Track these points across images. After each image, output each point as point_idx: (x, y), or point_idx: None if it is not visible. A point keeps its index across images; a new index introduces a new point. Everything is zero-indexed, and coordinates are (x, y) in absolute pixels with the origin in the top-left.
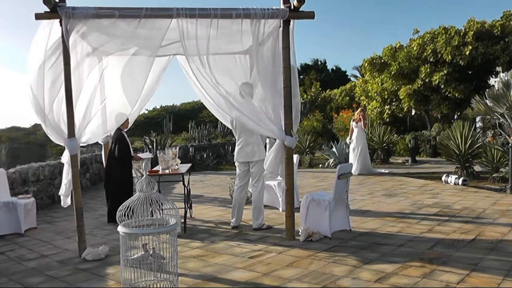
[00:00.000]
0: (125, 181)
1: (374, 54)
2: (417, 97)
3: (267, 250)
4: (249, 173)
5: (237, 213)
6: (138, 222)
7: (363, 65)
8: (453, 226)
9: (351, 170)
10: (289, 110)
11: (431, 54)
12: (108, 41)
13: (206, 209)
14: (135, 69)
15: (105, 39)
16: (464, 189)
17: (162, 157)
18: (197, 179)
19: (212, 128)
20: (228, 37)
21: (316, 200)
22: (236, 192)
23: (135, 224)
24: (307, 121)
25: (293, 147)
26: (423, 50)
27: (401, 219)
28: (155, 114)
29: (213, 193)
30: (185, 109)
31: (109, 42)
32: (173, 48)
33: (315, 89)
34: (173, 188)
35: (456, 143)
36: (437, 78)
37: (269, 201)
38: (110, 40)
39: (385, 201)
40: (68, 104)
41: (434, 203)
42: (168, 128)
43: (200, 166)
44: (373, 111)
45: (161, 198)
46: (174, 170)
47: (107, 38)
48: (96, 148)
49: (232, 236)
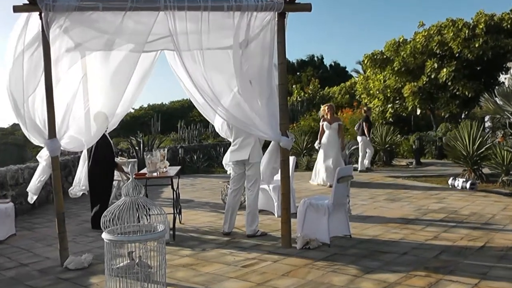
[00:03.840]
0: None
1: (375, 50)
2: (422, 95)
3: (262, 258)
4: (244, 175)
5: (230, 218)
6: (124, 228)
7: (363, 61)
8: (461, 232)
9: (351, 173)
10: (285, 109)
11: (438, 45)
12: (92, 36)
13: (196, 215)
14: (120, 66)
15: (88, 33)
16: (472, 193)
17: (150, 159)
18: (187, 183)
19: (203, 128)
20: (220, 31)
21: (314, 205)
22: (230, 196)
23: (120, 230)
24: (304, 120)
25: (289, 149)
26: (429, 42)
27: (404, 225)
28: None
29: (204, 198)
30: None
31: (92, 37)
32: (161, 43)
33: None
34: (161, 192)
35: (464, 144)
36: (444, 75)
37: (263, 205)
38: (93, 35)
39: (388, 206)
40: (48, 103)
41: (440, 208)
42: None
43: (190, 169)
44: (375, 110)
45: (149, 203)
46: (162, 173)
47: (91, 32)
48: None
49: (224, 243)
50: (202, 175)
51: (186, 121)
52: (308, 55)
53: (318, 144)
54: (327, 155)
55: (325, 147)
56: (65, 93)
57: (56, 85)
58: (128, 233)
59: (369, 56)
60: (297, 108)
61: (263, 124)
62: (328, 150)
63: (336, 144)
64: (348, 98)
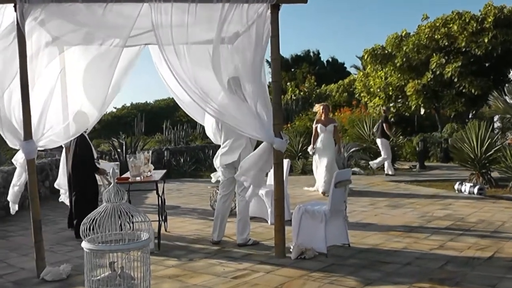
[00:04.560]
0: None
1: (376, 45)
2: (427, 93)
3: (254, 269)
4: (235, 180)
5: (220, 226)
6: (105, 237)
7: (363, 57)
8: (468, 241)
9: (349, 177)
10: (278, 109)
11: (444, 38)
12: (70, 29)
13: (183, 222)
14: (101, 62)
15: (67, 27)
16: (480, 199)
17: (133, 163)
18: (173, 188)
19: (190, 129)
20: (207, 24)
21: (310, 211)
22: (220, 203)
23: (101, 239)
24: (299, 120)
25: (283, 151)
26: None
27: (407, 233)
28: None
29: (191, 204)
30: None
31: (71, 31)
32: (144, 37)
33: (309, 84)
34: (145, 198)
35: (471, 146)
36: (449, 71)
37: (255, 212)
38: (72, 28)
39: (389, 212)
40: (24, 101)
41: (446, 215)
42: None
43: (176, 173)
44: (375, 109)
45: (132, 210)
46: (146, 178)
47: (69, 26)
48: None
49: (213, 253)
50: (190, 180)
51: (172, 121)
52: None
53: (312, 149)
54: (322, 160)
55: (319, 151)
56: (42, 91)
57: (33, 83)
58: (110, 242)
59: (370, 51)
60: (291, 107)
61: (255, 124)
62: (323, 155)
63: (332, 148)
64: (347, 96)
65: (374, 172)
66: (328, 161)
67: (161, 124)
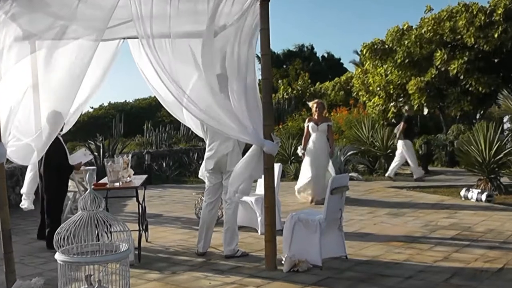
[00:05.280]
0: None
1: (376, 39)
2: (430, 92)
3: (242, 283)
4: (221, 186)
5: (205, 236)
6: (81, 248)
7: (362, 52)
8: (475, 252)
9: (347, 183)
10: (269, 108)
11: (449, 33)
12: (43, 23)
13: (166, 232)
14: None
15: (40, 21)
16: (488, 206)
17: (111, 167)
18: (154, 195)
19: (173, 130)
20: (192, 16)
21: (303, 220)
22: (205, 210)
23: (76, 250)
24: (292, 121)
25: (274, 154)
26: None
27: (409, 244)
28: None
29: (174, 212)
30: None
31: (44, 24)
32: (122, 30)
33: (303, 82)
34: (124, 205)
35: (479, 149)
36: (455, 67)
37: (244, 221)
38: (45, 21)
39: (390, 221)
40: None
41: (451, 224)
42: (118, 131)
43: (158, 178)
44: (374, 109)
45: (110, 218)
46: (125, 183)
47: (42, 20)
48: None
49: (198, 265)
50: (173, 186)
51: (153, 122)
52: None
53: (302, 151)
54: (313, 164)
55: (311, 153)
56: (12, 90)
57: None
58: (86, 253)
59: (369, 45)
60: (283, 107)
61: (243, 126)
62: (315, 157)
63: (325, 150)
64: (343, 95)
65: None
66: (321, 165)
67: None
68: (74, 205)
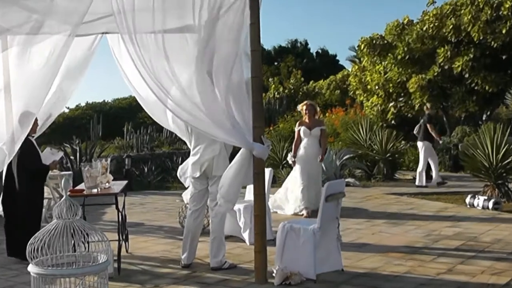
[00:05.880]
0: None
1: (374, 34)
2: (433, 91)
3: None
4: (207, 193)
5: (190, 247)
6: (56, 259)
7: (359, 47)
8: (481, 264)
9: (343, 189)
10: (259, 109)
11: (453, 31)
12: (17, 16)
13: (147, 242)
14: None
15: (13, 14)
16: (496, 214)
17: (88, 172)
18: (135, 202)
19: (155, 132)
20: (178, 10)
21: (296, 229)
22: (190, 219)
23: (51, 262)
24: (283, 123)
25: (265, 158)
26: (442, 26)
27: (410, 255)
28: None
29: (157, 221)
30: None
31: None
32: (101, 24)
33: (295, 80)
34: (103, 213)
35: (485, 153)
36: (460, 65)
37: (232, 230)
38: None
39: (389, 231)
40: None
41: (455, 233)
42: (97, 133)
43: (139, 184)
44: (373, 109)
45: (87, 227)
46: (104, 190)
47: (16, 13)
48: None
49: (183, 278)
50: (155, 192)
51: (134, 123)
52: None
53: (292, 158)
54: (304, 172)
55: (302, 161)
56: None
57: None
58: (62, 265)
59: (367, 40)
60: (274, 107)
61: (230, 128)
62: (307, 165)
63: (318, 157)
64: (339, 94)
65: (443, 182)
66: (313, 173)
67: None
68: (48, 213)
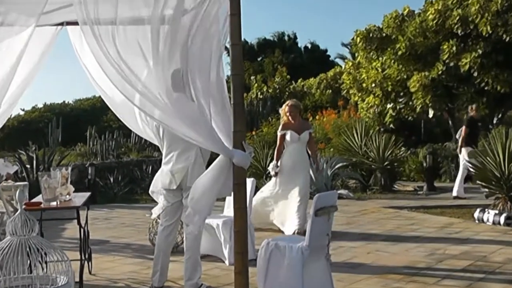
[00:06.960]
0: None
1: (371, 26)
2: (437, 90)
3: None
4: (181, 206)
5: (162, 267)
6: (9, 281)
7: (354, 40)
8: (492, 287)
9: (335, 202)
10: (240, 111)
11: (459, 23)
12: None
13: (113, 262)
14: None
15: None
16: (508, 231)
17: (46, 183)
18: (100, 216)
19: (122, 138)
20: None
21: (281, 247)
22: (161, 236)
23: (4, 284)
24: (267, 126)
25: (247, 167)
26: (446, 17)
27: (411, 277)
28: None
29: (124, 238)
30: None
31: None
32: (61, 14)
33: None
34: (63, 229)
35: (496, 161)
36: (467, 62)
37: (209, 249)
38: None
39: (388, 249)
40: None
41: (462, 252)
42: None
43: (104, 196)
44: (368, 111)
45: (45, 245)
46: (64, 203)
47: None
48: None
49: None
50: (122, 205)
51: (98, 127)
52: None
53: (275, 168)
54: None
55: (288, 171)
56: None
57: None
58: (16, 287)
59: (363, 33)
60: (257, 109)
61: (207, 132)
62: (294, 176)
63: (307, 166)
64: (331, 94)
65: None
66: (301, 186)
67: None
68: (1, 229)
